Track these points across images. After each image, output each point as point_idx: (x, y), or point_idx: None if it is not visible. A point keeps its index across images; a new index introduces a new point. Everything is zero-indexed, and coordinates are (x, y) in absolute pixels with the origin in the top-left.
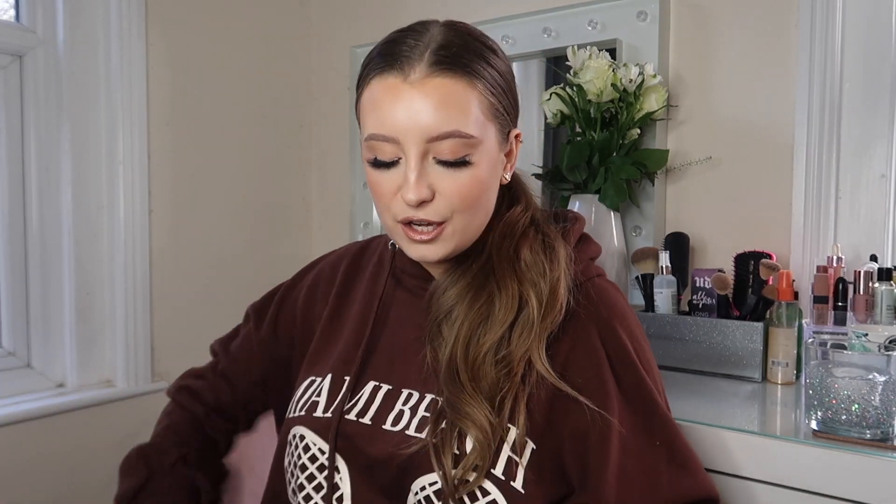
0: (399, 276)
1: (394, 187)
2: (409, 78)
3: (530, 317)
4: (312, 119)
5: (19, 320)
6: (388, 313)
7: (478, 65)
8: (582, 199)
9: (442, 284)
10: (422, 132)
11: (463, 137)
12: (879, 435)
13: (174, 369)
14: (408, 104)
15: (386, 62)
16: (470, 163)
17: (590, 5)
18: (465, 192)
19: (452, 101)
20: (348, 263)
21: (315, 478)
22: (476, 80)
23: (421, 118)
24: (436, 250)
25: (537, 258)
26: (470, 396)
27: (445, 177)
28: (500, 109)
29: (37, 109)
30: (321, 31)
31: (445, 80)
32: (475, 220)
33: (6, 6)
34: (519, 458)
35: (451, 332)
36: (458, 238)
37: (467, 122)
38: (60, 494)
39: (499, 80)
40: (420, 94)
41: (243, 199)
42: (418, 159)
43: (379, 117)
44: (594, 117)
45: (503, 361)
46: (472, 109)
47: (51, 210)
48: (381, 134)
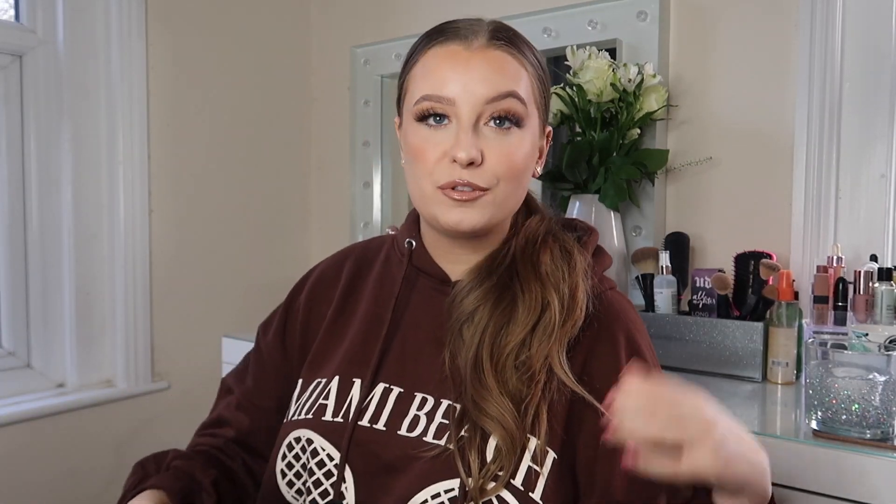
0: (414, 277)
1: (440, 150)
2: (471, 46)
3: (552, 320)
4: (312, 119)
5: (19, 320)
6: (401, 314)
7: (528, 52)
8: (582, 199)
9: (465, 287)
10: (480, 95)
11: (521, 100)
12: (879, 435)
13: (174, 369)
14: (468, 67)
15: (447, 34)
16: (520, 126)
17: (590, 5)
18: (512, 158)
19: (513, 69)
20: (353, 263)
21: (321, 483)
22: (528, 63)
23: (481, 81)
24: (472, 215)
25: (557, 264)
26: (497, 397)
27: (495, 142)
28: (542, 100)
29: (37, 109)
30: (321, 31)
31: (503, 54)
32: (514, 194)
33: (6, 6)
34: (540, 468)
35: (474, 334)
36: (494, 209)
37: (525, 91)
38: (60, 494)
39: (542, 73)
40: (482, 59)
41: (243, 198)
42: (472, 121)
43: (438, 79)
44: (594, 117)
45: (524, 366)
46: (528, 86)
47: (51, 210)
48: (436, 94)
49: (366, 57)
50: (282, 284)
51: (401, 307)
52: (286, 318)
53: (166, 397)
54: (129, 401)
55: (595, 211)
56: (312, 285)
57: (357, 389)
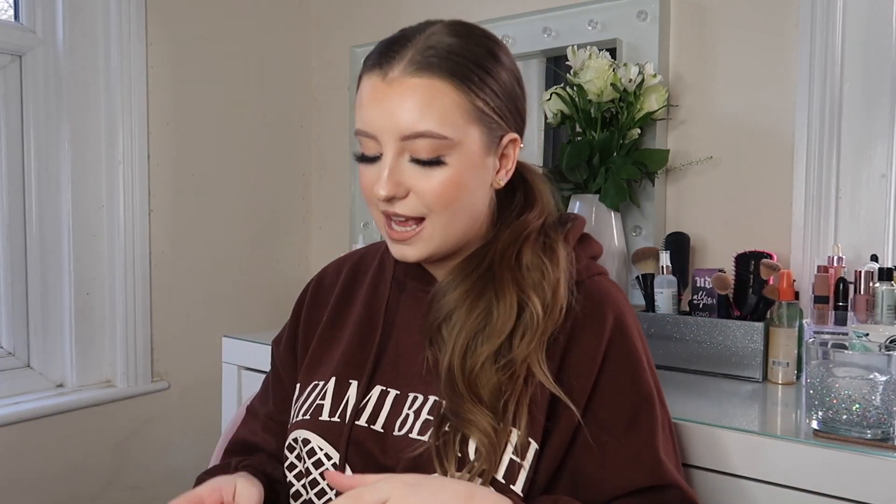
0: (402, 280)
1: (374, 182)
2: (387, 77)
3: (533, 321)
4: (312, 119)
5: (19, 320)
6: (393, 318)
7: (465, 67)
8: (582, 199)
9: (443, 288)
10: (396, 130)
11: (435, 138)
12: (880, 435)
13: (174, 369)
14: (385, 102)
15: (373, 61)
16: (444, 163)
17: (590, 5)
18: (439, 192)
19: (426, 101)
20: (349, 269)
21: (318, 483)
22: (459, 81)
23: (395, 116)
24: (413, 251)
25: (538, 261)
26: (469, 404)
27: (420, 175)
28: (489, 112)
29: (37, 109)
30: (321, 31)
31: (423, 81)
32: (455, 221)
33: (6, 6)
34: (521, 461)
35: (449, 339)
36: (439, 240)
37: (442, 123)
38: (60, 494)
39: (492, 83)
40: (396, 93)
41: (243, 198)
42: (394, 156)
43: (362, 114)
44: (594, 117)
45: (507, 367)
46: (450, 110)
47: (51, 210)
48: (363, 130)
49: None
50: (281, 284)
51: (392, 310)
52: (295, 327)
53: (166, 397)
54: (128, 401)
55: (595, 211)
56: (313, 291)
57: (353, 391)
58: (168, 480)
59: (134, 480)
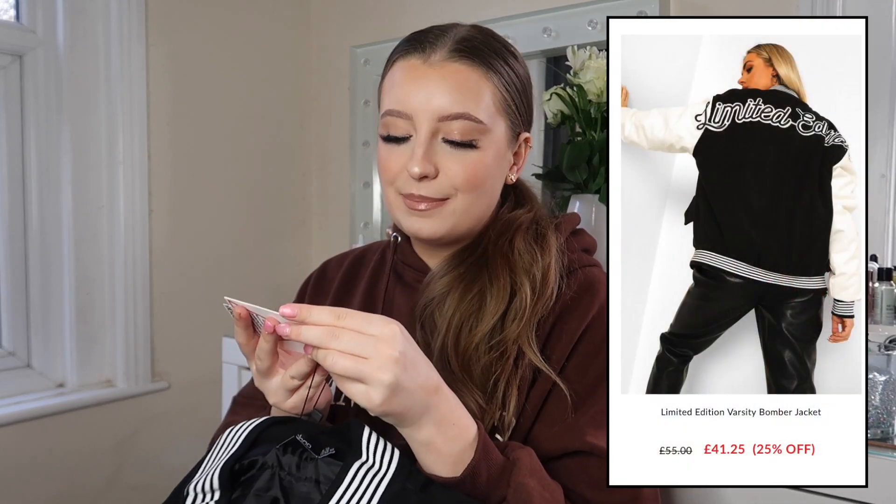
0: (400, 271)
1: (401, 163)
2: (429, 60)
3: (523, 303)
4: (312, 119)
5: (19, 320)
6: (391, 305)
7: (496, 61)
8: (582, 199)
9: (437, 273)
10: (435, 110)
11: (472, 121)
12: (879, 434)
13: (174, 369)
14: (425, 83)
15: (411, 46)
16: (477, 146)
17: (590, 5)
18: (470, 173)
19: (467, 86)
20: (350, 262)
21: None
22: (492, 73)
23: (435, 97)
24: (430, 225)
25: (529, 247)
26: (462, 384)
27: (452, 157)
28: (513, 107)
29: (37, 109)
30: (321, 31)
31: (462, 67)
32: (477, 204)
33: (6, 6)
34: (502, 439)
35: (443, 322)
36: (457, 218)
37: (478, 108)
38: (60, 494)
39: (514, 80)
40: (438, 75)
41: (243, 198)
42: (427, 136)
43: (397, 94)
44: (594, 117)
45: (498, 347)
46: (485, 98)
47: (51, 210)
48: (396, 110)
49: (366, 57)
50: (282, 284)
51: (390, 298)
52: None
53: (166, 397)
54: (129, 401)
55: (595, 211)
56: (316, 280)
57: None
58: (168, 480)
59: (134, 480)
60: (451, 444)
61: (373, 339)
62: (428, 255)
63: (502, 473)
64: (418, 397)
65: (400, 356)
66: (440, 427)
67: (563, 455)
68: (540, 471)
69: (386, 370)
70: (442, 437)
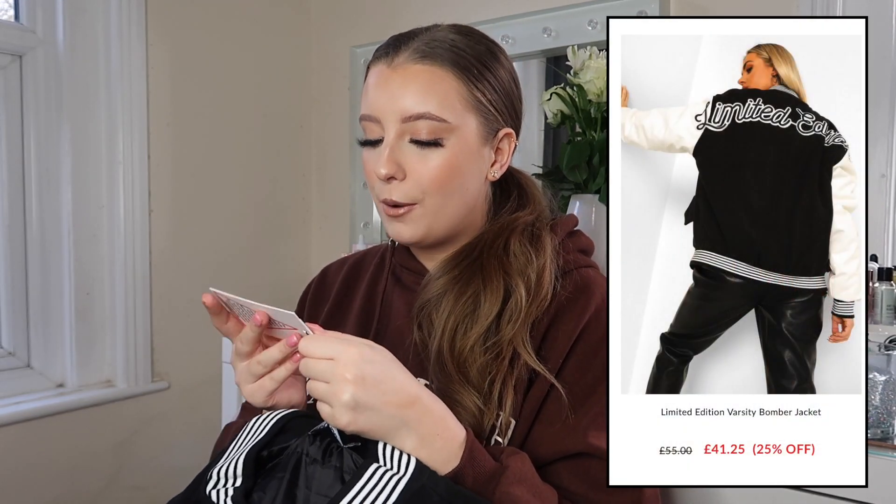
0: (399, 273)
1: (373, 168)
2: (393, 63)
3: (518, 305)
4: (312, 119)
5: (19, 320)
6: (389, 310)
7: (465, 59)
8: (582, 199)
9: (433, 274)
10: (398, 111)
11: (435, 120)
12: (879, 434)
13: (174, 369)
14: (388, 86)
15: (381, 51)
16: (442, 145)
17: (590, 5)
18: (435, 173)
19: (428, 86)
20: (350, 266)
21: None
22: (459, 70)
23: (398, 99)
24: (406, 230)
25: (524, 248)
26: (460, 386)
27: (417, 157)
28: (486, 104)
29: (37, 109)
30: (321, 31)
31: (424, 68)
32: (448, 204)
33: (6, 6)
34: (503, 440)
35: (439, 323)
36: (430, 220)
37: (442, 107)
38: (60, 495)
39: (490, 78)
40: (399, 77)
41: (243, 199)
42: (394, 138)
43: (368, 99)
44: (594, 117)
45: (493, 348)
46: (449, 96)
47: (51, 210)
48: (367, 114)
49: (366, 57)
50: (282, 284)
51: (388, 301)
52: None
53: (166, 397)
54: (129, 401)
55: (595, 211)
56: (316, 286)
57: None
58: (168, 480)
59: (134, 480)
60: (437, 454)
61: (331, 364)
62: (425, 258)
63: (489, 481)
64: (388, 413)
65: (356, 377)
66: (423, 440)
67: (566, 457)
68: (532, 477)
69: (342, 391)
70: (427, 449)
